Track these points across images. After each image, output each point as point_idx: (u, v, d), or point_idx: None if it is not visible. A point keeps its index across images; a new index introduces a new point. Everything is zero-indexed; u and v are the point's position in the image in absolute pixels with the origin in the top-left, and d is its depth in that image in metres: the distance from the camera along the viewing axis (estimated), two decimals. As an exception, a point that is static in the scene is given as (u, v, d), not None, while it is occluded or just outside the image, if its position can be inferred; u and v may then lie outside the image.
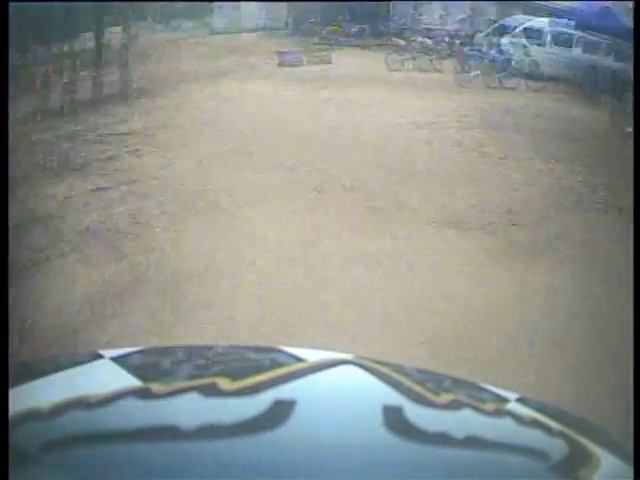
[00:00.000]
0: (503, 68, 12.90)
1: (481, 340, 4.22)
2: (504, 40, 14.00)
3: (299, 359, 1.10)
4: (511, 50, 13.38)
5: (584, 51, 13.43)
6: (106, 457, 0.83)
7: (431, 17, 15.56)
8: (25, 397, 0.95)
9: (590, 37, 13.29)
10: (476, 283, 5.08)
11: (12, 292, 2.90)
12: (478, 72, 12.80)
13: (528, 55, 13.22)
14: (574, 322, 4.52)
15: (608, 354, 4.03)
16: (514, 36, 13.96)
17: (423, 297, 4.80)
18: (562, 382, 3.71)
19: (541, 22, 14.18)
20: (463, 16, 15.05)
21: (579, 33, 13.44)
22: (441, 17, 15.36)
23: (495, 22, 14.96)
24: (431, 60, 13.56)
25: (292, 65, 13.27)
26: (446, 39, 14.52)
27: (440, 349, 4.02)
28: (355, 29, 15.71)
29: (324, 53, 13.99)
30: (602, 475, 0.90)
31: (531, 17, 14.42)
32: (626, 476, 0.93)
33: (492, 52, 13.37)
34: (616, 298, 4.50)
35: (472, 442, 0.94)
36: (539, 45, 13.72)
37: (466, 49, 13.66)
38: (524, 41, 13.62)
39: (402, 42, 14.09)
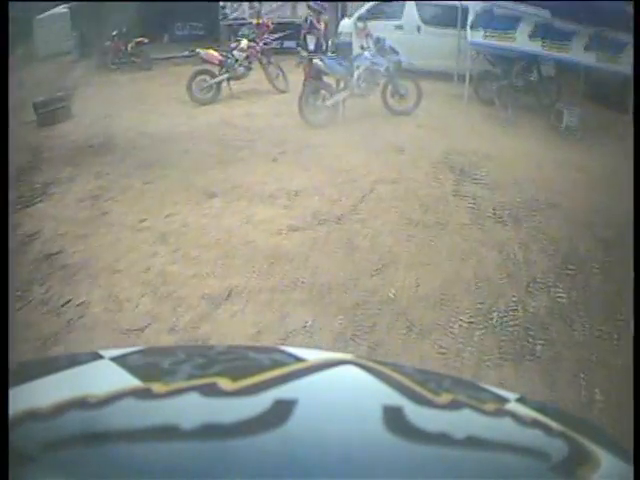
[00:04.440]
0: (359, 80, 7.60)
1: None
2: (344, 24, 8.54)
3: (299, 359, 1.10)
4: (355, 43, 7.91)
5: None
6: (106, 457, 0.83)
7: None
8: (25, 397, 0.95)
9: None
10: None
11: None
12: (339, 96, 7.59)
13: (384, 49, 7.84)
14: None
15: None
16: (359, 19, 8.54)
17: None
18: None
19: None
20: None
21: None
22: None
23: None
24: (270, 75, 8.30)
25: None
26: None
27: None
28: (182, 32, 10.21)
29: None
30: (602, 475, 0.90)
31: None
32: (626, 476, 0.93)
33: (367, 51, 7.88)
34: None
35: (472, 442, 0.94)
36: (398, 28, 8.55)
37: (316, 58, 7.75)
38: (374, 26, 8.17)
39: (214, 53, 8.53)
